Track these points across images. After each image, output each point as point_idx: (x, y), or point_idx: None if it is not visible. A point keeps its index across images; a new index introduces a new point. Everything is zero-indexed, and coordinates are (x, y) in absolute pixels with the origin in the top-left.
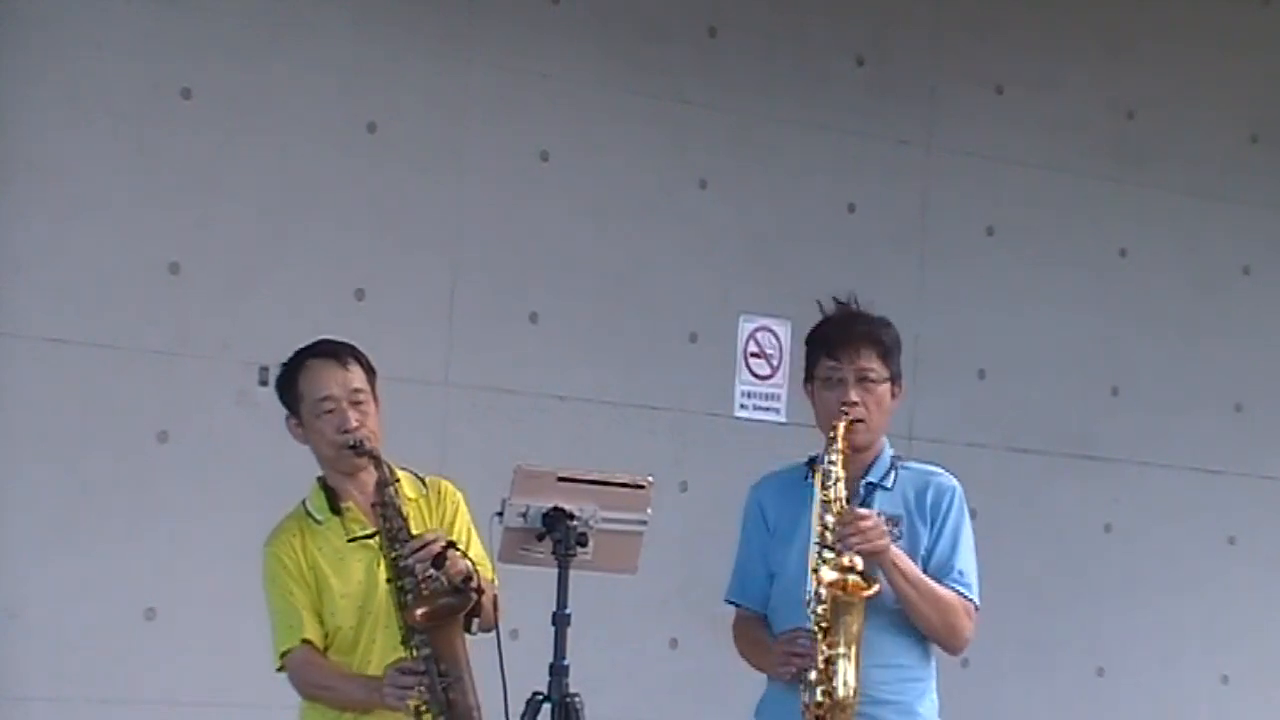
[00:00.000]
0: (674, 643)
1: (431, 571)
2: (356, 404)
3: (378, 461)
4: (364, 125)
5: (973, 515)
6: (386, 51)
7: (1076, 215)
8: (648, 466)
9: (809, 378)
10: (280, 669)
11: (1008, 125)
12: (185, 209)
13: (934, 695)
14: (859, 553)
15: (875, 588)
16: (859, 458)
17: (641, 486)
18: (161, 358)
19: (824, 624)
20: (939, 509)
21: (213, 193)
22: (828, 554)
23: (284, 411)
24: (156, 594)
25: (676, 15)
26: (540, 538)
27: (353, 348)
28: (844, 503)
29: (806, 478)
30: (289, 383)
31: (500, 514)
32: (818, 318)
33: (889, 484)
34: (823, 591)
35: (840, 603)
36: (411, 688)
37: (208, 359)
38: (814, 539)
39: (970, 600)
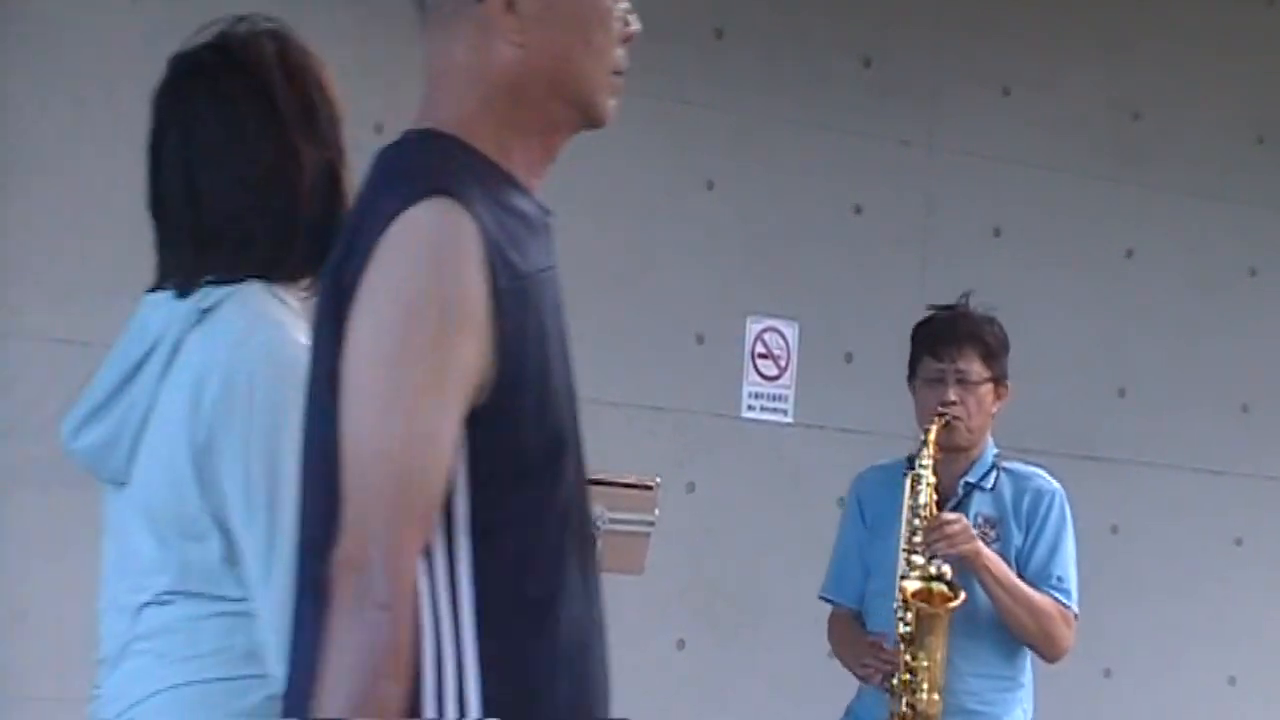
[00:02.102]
0: (680, 644)
1: None
2: None
3: None
4: (371, 126)
5: None
6: (391, 51)
7: (1081, 216)
8: (653, 467)
9: (911, 375)
10: None
11: (1012, 126)
12: None
13: (1026, 705)
14: (946, 558)
15: (961, 598)
16: (959, 458)
17: (648, 487)
18: None
19: (909, 634)
20: (1036, 513)
21: None
22: (916, 559)
23: None
24: None
25: (680, 16)
26: None
27: None
28: (934, 508)
29: (905, 474)
30: None
31: None
32: (823, 318)
33: (988, 485)
34: (908, 601)
35: (925, 615)
36: None
37: None
38: (902, 545)
39: (1069, 608)
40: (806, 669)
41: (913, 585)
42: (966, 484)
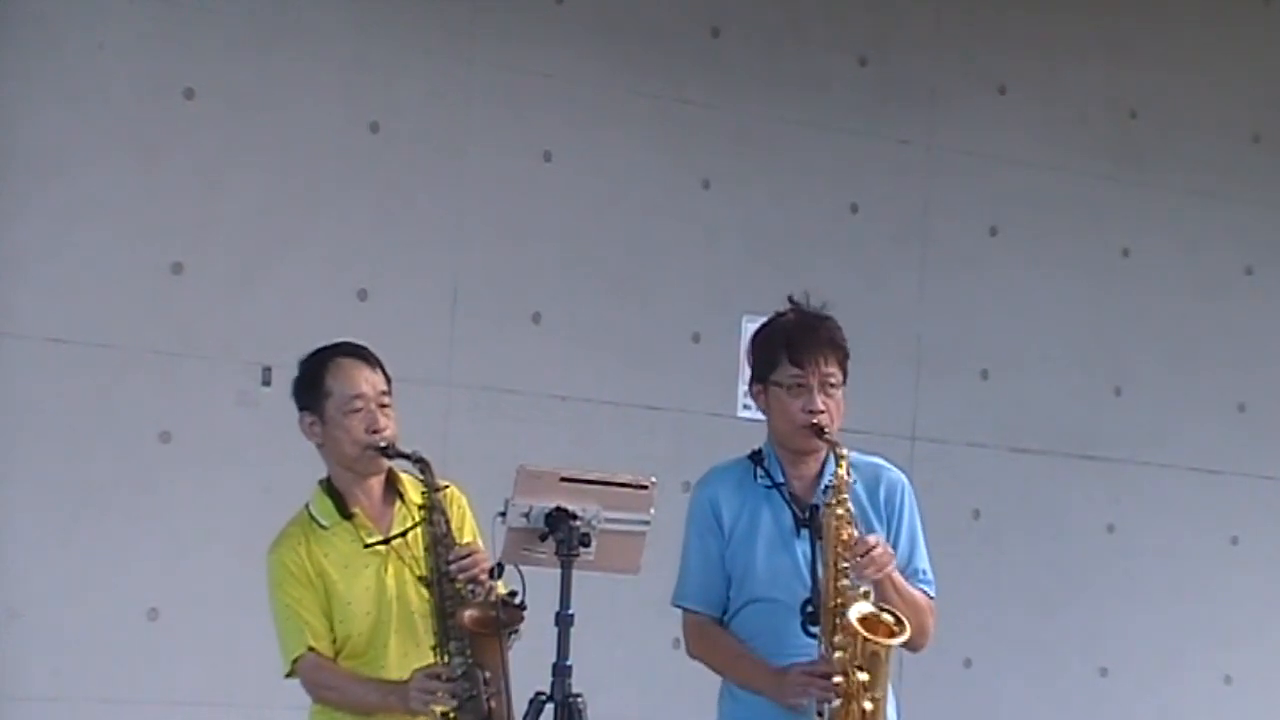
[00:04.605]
0: (676, 643)
1: (473, 584)
2: (383, 407)
3: (426, 465)
4: (366, 125)
5: (974, 516)
6: (389, 51)
7: (1078, 215)
8: (650, 466)
9: (761, 379)
10: (290, 675)
11: (1009, 125)
12: (187, 209)
13: (892, 696)
14: (873, 580)
15: (906, 634)
16: (810, 461)
17: (644, 487)
18: (163, 358)
19: (858, 664)
20: (894, 506)
21: (214, 193)
22: (843, 583)
23: (283, 411)
24: (158, 594)
25: (679, 15)
26: (543, 538)
27: (374, 353)
28: (852, 529)
29: (757, 476)
30: (314, 379)
31: (503, 514)
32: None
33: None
34: (852, 628)
35: (872, 649)
36: (437, 693)
37: (209, 359)
38: (826, 569)
39: (933, 599)
40: None
41: (864, 609)
42: (827, 487)
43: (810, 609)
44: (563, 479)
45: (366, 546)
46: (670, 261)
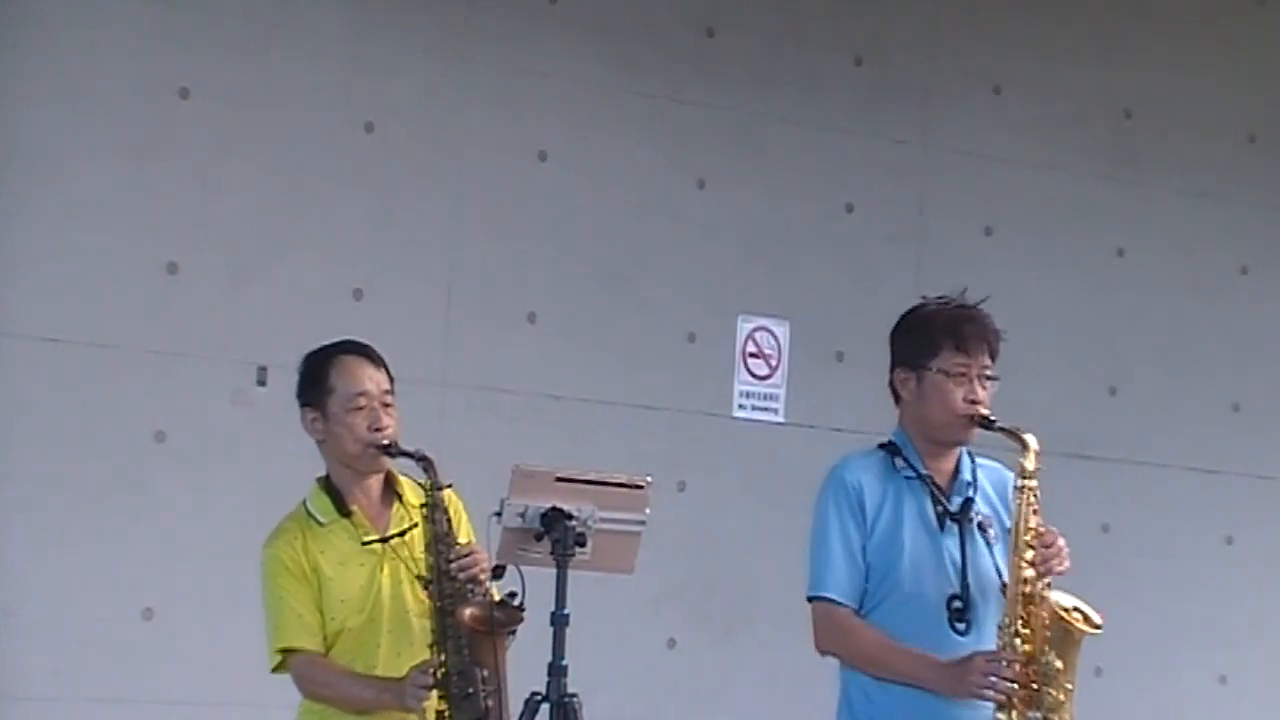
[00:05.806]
0: (672, 642)
1: (473, 583)
2: (386, 406)
3: (429, 463)
4: (361, 125)
5: None
6: (384, 51)
7: (1074, 215)
8: (645, 466)
9: (914, 365)
10: (275, 669)
11: (1005, 125)
12: (183, 209)
13: None
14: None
15: (1100, 629)
16: (949, 454)
17: (639, 486)
18: (159, 357)
19: (1055, 657)
20: (1008, 505)
21: (210, 192)
22: (1029, 572)
23: (279, 411)
24: (153, 594)
25: (674, 15)
26: (538, 538)
27: (378, 352)
28: (1040, 519)
29: (896, 468)
30: (318, 375)
31: (498, 514)
32: (815, 317)
33: (978, 481)
34: (1049, 610)
35: (1071, 640)
36: (431, 688)
37: (205, 359)
38: (1017, 560)
39: None
40: (798, 668)
41: (1068, 600)
42: (964, 482)
43: (958, 604)
44: (558, 479)
45: (365, 544)
46: (666, 261)
